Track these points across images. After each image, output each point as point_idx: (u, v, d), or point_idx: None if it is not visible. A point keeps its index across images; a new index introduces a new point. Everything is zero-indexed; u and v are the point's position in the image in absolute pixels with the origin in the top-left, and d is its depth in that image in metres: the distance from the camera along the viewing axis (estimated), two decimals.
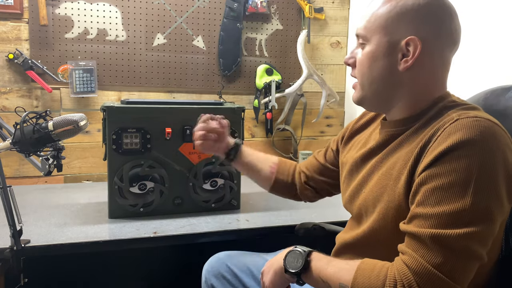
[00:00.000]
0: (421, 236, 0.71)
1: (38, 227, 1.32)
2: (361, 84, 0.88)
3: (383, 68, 0.83)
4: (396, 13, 0.81)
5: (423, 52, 0.80)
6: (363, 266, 0.75)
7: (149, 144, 1.41)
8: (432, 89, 0.84)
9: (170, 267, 1.75)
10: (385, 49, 0.82)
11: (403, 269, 0.70)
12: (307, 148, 2.26)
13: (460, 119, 0.74)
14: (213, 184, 1.50)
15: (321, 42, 2.21)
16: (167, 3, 1.97)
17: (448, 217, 0.70)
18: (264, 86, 2.08)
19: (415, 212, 0.74)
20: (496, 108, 1.00)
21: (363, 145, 0.98)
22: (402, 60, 0.81)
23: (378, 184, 0.85)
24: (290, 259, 0.86)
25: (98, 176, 1.97)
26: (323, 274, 0.80)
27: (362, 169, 0.94)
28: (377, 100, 0.88)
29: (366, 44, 0.85)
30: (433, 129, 0.77)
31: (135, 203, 1.43)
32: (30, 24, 1.82)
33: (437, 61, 0.83)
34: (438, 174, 0.72)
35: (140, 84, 1.98)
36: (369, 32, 0.84)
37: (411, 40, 0.79)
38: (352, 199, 0.95)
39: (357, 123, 1.07)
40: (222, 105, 1.54)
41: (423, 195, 0.73)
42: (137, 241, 1.27)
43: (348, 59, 0.90)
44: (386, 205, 0.82)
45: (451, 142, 0.71)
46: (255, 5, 2.04)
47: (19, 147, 1.02)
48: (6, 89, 1.83)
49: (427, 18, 0.80)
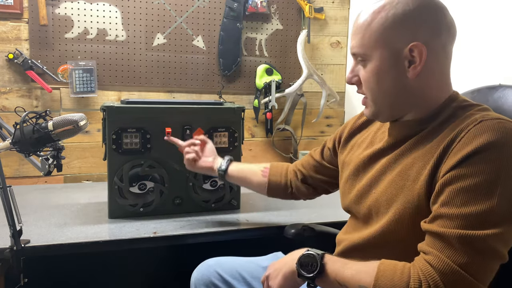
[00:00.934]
0: (447, 236, 0.71)
1: (38, 227, 1.32)
2: (373, 100, 0.87)
3: (392, 80, 0.83)
4: (390, 24, 0.80)
5: (429, 54, 0.80)
6: (384, 267, 0.74)
7: (149, 144, 1.41)
8: (442, 87, 0.85)
9: (170, 267, 1.75)
10: (390, 61, 0.81)
11: (427, 269, 0.70)
12: (307, 148, 2.26)
13: (484, 121, 0.74)
14: (213, 184, 1.49)
15: (321, 42, 2.21)
16: (167, 3, 1.97)
17: (474, 218, 0.70)
18: (264, 86, 2.08)
19: (440, 212, 0.74)
20: None
21: (369, 144, 0.97)
22: (410, 68, 0.81)
23: (393, 184, 0.84)
24: (304, 263, 0.83)
25: (98, 176, 1.97)
26: (340, 277, 0.79)
27: (370, 169, 0.93)
28: (392, 111, 0.87)
29: (367, 61, 0.84)
30: (456, 130, 0.77)
31: (135, 203, 1.43)
32: (30, 24, 1.82)
33: (443, 59, 0.83)
34: (464, 175, 0.72)
35: (140, 84, 1.98)
36: (368, 49, 0.83)
37: (414, 46, 0.79)
38: (359, 199, 0.94)
39: (356, 122, 1.06)
40: (222, 105, 1.54)
41: (448, 195, 0.73)
42: (137, 241, 1.27)
43: (350, 78, 0.89)
44: (403, 206, 0.81)
45: (478, 144, 0.72)
46: (255, 5, 2.04)
47: (19, 147, 1.02)
48: (6, 89, 1.83)
49: (422, 20, 0.80)
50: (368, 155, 0.94)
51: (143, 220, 1.40)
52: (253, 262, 1.18)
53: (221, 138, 1.49)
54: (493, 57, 1.40)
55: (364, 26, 0.83)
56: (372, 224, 0.89)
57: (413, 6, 0.80)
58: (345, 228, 1.03)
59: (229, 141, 1.50)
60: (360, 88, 0.88)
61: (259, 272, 1.12)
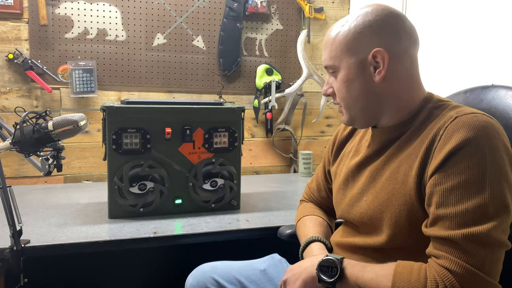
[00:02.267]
0: (453, 238, 0.72)
1: (38, 227, 1.32)
2: (346, 107, 0.92)
3: (360, 86, 0.87)
4: (353, 34, 0.86)
5: (391, 58, 0.84)
6: (400, 269, 0.76)
7: (149, 144, 1.41)
8: (412, 90, 0.88)
9: (170, 267, 1.75)
10: (356, 68, 0.87)
11: (443, 272, 0.71)
12: (307, 148, 2.26)
13: (459, 117, 0.77)
14: (213, 184, 1.49)
15: (321, 42, 2.21)
16: (167, 3, 1.97)
17: (473, 213, 0.72)
18: (264, 86, 2.08)
19: (437, 214, 0.75)
20: (479, 106, 1.03)
21: (355, 153, 1.00)
22: (375, 73, 0.85)
23: (383, 190, 0.86)
24: (324, 268, 0.85)
25: (98, 176, 1.97)
26: (361, 281, 0.80)
27: (359, 177, 0.95)
28: (365, 116, 0.91)
29: (337, 72, 0.90)
30: (434, 129, 0.80)
31: (135, 203, 1.43)
32: (30, 24, 1.82)
33: (407, 62, 0.87)
34: (452, 173, 0.74)
35: (140, 84, 1.98)
36: (336, 60, 0.88)
37: (377, 52, 0.84)
38: (351, 208, 0.96)
39: (342, 134, 1.10)
40: (222, 105, 1.54)
41: (441, 196, 0.75)
42: (137, 241, 1.27)
43: (326, 90, 0.95)
44: (397, 209, 0.83)
45: (457, 140, 0.74)
46: (255, 5, 2.04)
47: (19, 147, 1.02)
48: (6, 89, 1.83)
49: (382, 29, 0.85)
50: (355, 164, 0.97)
51: (143, 220, 1.40)
52: (249, 265, 1.17)
53: (221, 138, 1.49)
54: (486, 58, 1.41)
55: (331, 40, 0.89)
56: (371, 231, 0.90)
57: (372, 17, 0.86)
58: (340, 233, 1.03)
59: (229, 141, 1.50)
60: (335, 98, 0.93)
61: (256, 276, 1.12)
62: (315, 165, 2.22)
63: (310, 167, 2.10)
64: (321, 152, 2.30)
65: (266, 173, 2.22)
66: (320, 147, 2.29)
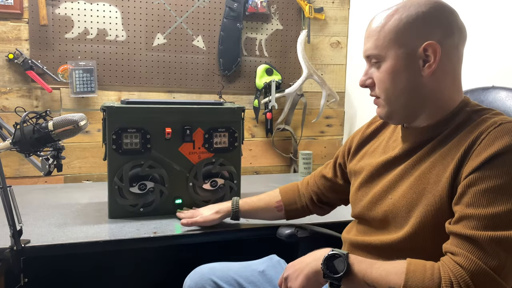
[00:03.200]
0: (477, 238, 0.71)
1: (38, 227, 1.32)
2: (386, 100, 0.88)
3: (407, 79, 0.84)
4: (404, 25, 0.83)
5: (442, 53, 0.82)
6: (413, 268, 0.74)
7: (149, 144, 1.41)
8: (454, 89, 0.86)
9: (170, 267, 1.75)
10: (405, 60, 0.83)
11: (458, 270, 0.71)
12: (307, 148, 2.26)
13: (504, 124, 0.77)
14: (213, 184, 1.49)
15: (321, 42, 2.21)
16: (167, 3, 1.97)
17: (502, 218, 0.71)
18: (264, 86, 2.08)
19: (465, 213, 0.74)
20: None
21: (383, 151, 0.97)
22: (425, 66, 0.82)
23: (412, 189, 0.85)
24: (329, 263, 0.82)
25: (98, 176, 1.97)
26: (368, 278, 0.78)
27: (385, 175, 0.93)
28: (405, 111, 0.88)
29: (381, 62, 0.86)
30: (475, 133, 0.78)
31: (135, 203, 1.43)
32: (30, 24, 1.82)
33: (455, 59, 0.85)
34: (488, 176, 0.73)
35: (140, 84, 1.98)
36: (382, 49, 0.85)
37: (429, 45, 0.81)
38: (373, 205, 0.94)
39: (366, 131, 1.07)
40: (222, 105, 1.54)
41: (473, 196, 0.74)
42: (137, 241, 1.27)
43: (364, 81, 0.90)
44: (425, 209, 0.82)
45: (500, 146, 0.74)
46: (255, 5, 2.04)
47: (19, 147, 1.02)
48: (6, 89, 1.83)
49: (435, 21, 0.82)
50: (382, 162, 0.94)
51: (143, 220, 1.40)
52: (248, 266, 1.16)
53: (221, 138, 1.49)
54: (487, 59, 1.41)
55: (378, 29, 0.85)
56: (391, 229, 0.89)
57: (425, 8, 0.83)
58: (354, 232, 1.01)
59: (229, 141, 1.50)
60: (373, 90, 0.90)
61: (255, 277, 1.12)
62: (315, 165, 2.22)
63: (310, 167, 2.10)
64: (321, 152, 2.30)
65: (266, 173, 2.22)
66: (320, 147, 2.29)
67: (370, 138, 1.06)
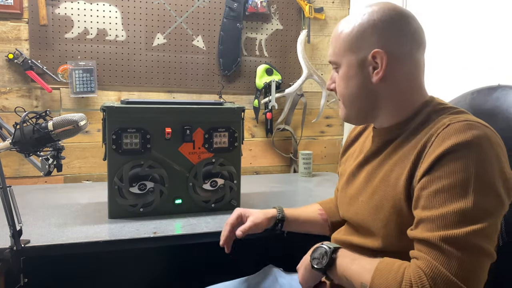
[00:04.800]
0: (432, 240, 0.72)
1: (38, 227, 1.32)
2: (343, 103, 0.93)
3: (358, 84, 0.88)
4: (356, 32, 0.86)
5: (391, 60, 0.84)
6: (381, 267, 0.76)
7: (149, 144, 1.41)
8: (411, 93, 0.88)
9: (170, 267, 1.75)
10: (355, 67, 0.87)
11: (418, 273, 0.71)
12: (307, 148, 2.26)
13: (452, 124, 0.77)
14: (213, 184, 1.49)
15: (321, 42, 2.21)
16: (167, 3, 1.97)
17: (453, 217, 0.71)
18: (264, 86, 2.08)
19: (421, 216, 0.75)
20: (484, 107, 1.02)
21: (358, 153, 1.01)
22: (373, 73, 0.85)
23: (377, 192, 0.87)
24: (316, 256, 0.87)
25: (98, 176, 1.97)
26: (348, 273, 0.81)
27: (357, 177, 0.96)
28: (360, 114, 0.92)
29: (338, 68, 0.91)
30: (427, 135, 0.80)
31: (135, 203, 1.43)
32: (30, 24, 1.82)
33: (408, 65, 0.87)
34: (437, 177, 0.74)
35: (140, 84, 1.98)
36: (338, 56, 0.90)
37: (376, 53, 0.84)
38: (349, 207, 0.97)
39: (350, 135, 1.11)
40: (222, 105, 1.54)
41: (426, 199, 0.75)
42: (137, 241, 1.26)
43: (329, 85, 0.97)
44: (388, 213, 0.84)
45: (446, 146, 0.75)
46: (255, 5, 2.04)
47: (19, 147, 1.02)
48: (6, 89, 1.83)
49: (385, 29, 0.85)
50: (356, 164, 0.98)
51: (143, 220, 1.40)
52: (243, 282, 1.17)
53: (221, 138, 1.49)
54: (493, 58, 1.40)
55: (336, 35, 0.90)
56: (366, 233, 0.91)
57: (377, 16, 0.85)
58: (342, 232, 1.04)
59: (229, 141, 1.50)
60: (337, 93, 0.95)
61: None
62: (315, 165, 2.23)
63: (310, 167, 2.10)
64: (321, 152, 2.30)
65: (266, 173, 2.22)
66: (320, 147, 2.29)
67: (353, 141, 1.10)
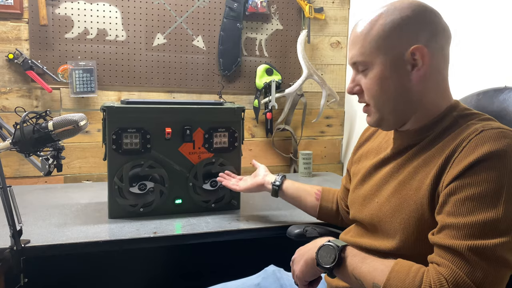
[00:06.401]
0: (457, 248, 0.70)
1: (38, 227, 1.32)
2: (375, 107, 0.87)
3: (395, 84, 0.83)
4: (389, 30, 0.82)
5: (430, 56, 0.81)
6: (398, 268, 0.74)
7: (149, 144, 1.41)
8: (440, 92, 0.86)
9: (170, 267, 1.75)
10: (392, 66, 0.82)
11: (439, 279, 0.70)
12: (307, 148, 2.26)
13: (485, 131, 0.75)
14: (213, 184, 1.49)
15: (321, 42, 2.21)
16: (167, 3, 1.97)
17: (482, 227, 0.70)
18: (264, 86, 2.08)
19: (446, 222, 0.74)
20: (490, 109, 1.01)
21: (376, 154, 0.98)
22: (413, 71, 0.82)
23: (396, 194, 0.85)
24: (323, 253, 0.85)
25: (98, 176, 1.97)
26: (357, 272, 0.79)
27: (374, 176, 0.94)
28: (394, 117, 0.87)
29: (368, 69, 0.85)
30: (457, 139, 0.78)
31: (135, 203, 1.43)
32: (30, 24, 1.82)
33: (441, 62, 0.85)
34: (468, 184, 0.72)
35: (140, 84, 1.98)
36: (368, 56, 0.84)
37: (416, 49, 0.81)
38: (362, 207, 0.94)
39: (364, 135, 1.09)
40: (222, 105, 1.54)
41: (453, 205, 0.73)
42: (137, 241, 1.27)
43: (352, 88, 0.90)
44: (407, 216, 0.82)
45: (480, 153, 0.73)
46: (255, 5, 2.04)
47: (19, 147, 1.02)
48: (6, 89, 1.83)
49: (420, 24, 0.82)
50: (373, 164, 0.95)
51: (143, 220, 1.40)
52: (244, 283, 1.16)
53: (221, 138, 1.49)
54: (499, 59, 1.39)
55: (363, 35, 0.84)
56: (379, 235, 0.89)
57: (409, 11, 0.82)
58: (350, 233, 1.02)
59: (229, 141, 1.50)
60: (362, 97, 0.89)
61: None
62: (315, 165, 2.23)
63: (310, 167, 2.10)
64: (321, 152, 2.30)
65: None
66: (320, 147, 2.29)
67: (366, 140, 1.07)
